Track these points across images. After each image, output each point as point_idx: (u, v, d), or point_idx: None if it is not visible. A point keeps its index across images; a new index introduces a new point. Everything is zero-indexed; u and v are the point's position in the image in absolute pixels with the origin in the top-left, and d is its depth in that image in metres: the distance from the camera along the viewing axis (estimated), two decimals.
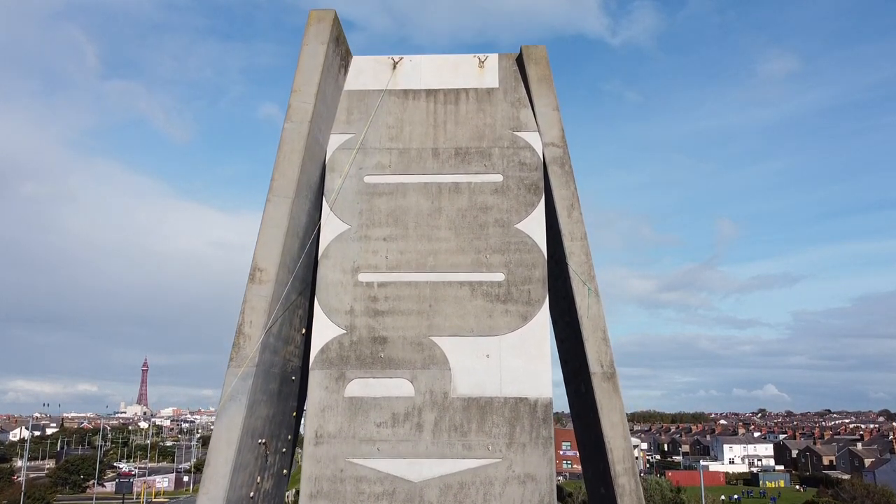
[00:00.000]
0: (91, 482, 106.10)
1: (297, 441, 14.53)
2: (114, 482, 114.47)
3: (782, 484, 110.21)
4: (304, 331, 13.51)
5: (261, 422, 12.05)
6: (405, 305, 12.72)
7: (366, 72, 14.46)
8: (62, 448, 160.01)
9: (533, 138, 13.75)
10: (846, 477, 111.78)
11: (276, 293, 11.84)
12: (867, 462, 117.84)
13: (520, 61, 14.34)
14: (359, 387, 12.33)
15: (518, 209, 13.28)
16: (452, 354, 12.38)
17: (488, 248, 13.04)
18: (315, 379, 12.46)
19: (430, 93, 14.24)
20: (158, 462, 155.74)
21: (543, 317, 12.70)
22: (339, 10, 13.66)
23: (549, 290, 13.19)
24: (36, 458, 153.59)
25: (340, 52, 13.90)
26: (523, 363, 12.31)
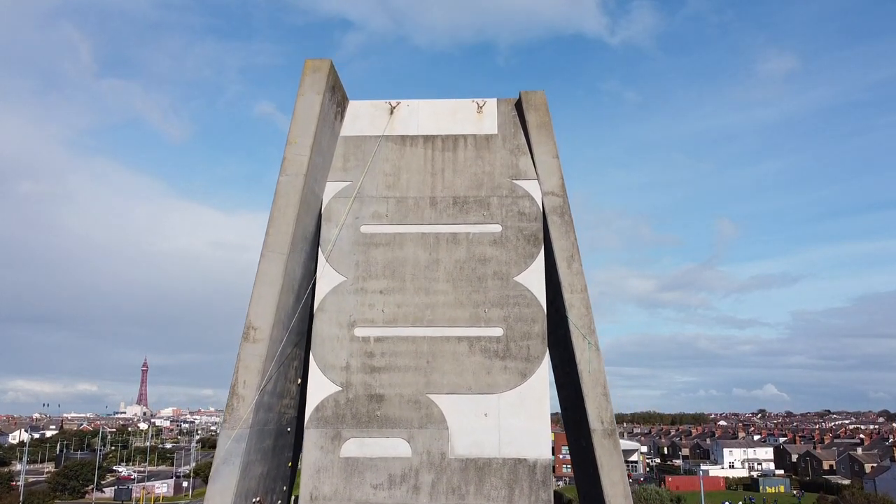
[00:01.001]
0: (90, 487, 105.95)
1: (293, 487, 14.33)
2: (113, 487, 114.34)
3: (782, 489, 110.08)
4: (299, 381, 13.31)
5: (255, 481, 11.85)
6: (402, 361, 12.51)
7: (362, 117, 14.24)
8: (62, 451, 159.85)
9: (532, 187, 13.53)
10: (846, 482, 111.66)
11: (270, 351, 11.64)
12: (867, 467, 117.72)
13: (518, 106, 14.12)
14: (355, 447, 12.12)
15: (517, 261, 13.06)
16: (450, 413, 12.17)
17: (487, 302, 12.82)
18: (310, 438, 12.24)
19: (428, 139, 14.02)
20: (158, 466, 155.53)
21: (543, 373, 12.49)
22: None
23: (549, 335, 13.00)
24: (35, 462, 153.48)
25: (337, 99, 13.68)
26: (522, 423, 12.10)
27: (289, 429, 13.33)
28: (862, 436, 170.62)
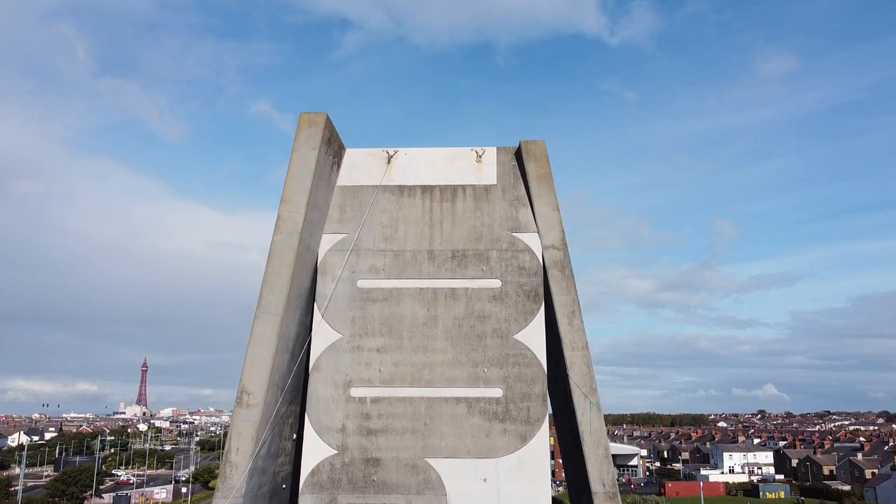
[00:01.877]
0: (88, 493, 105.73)
1: None
2: (112, 493, 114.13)
3: (782, 495, 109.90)
4: (294, 436, 13.05)
5: None
6: (399, 423, 12.24)
7: (359, 166, 13.97)
8: (61, 454, 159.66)
9: (532, 240, 13.26)
10: (846, 488, 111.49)
11: (264, 415, 11.38)
12: (867, 473, 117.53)
13: (518, 156, 13.86)
14: None
15: (517, 318, 12.80)
16: (448, 478, 11.91)
17: (486, 361, 12.56)
18: None
19: (426, 189, 13.76)
20: (157, 469, 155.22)
21: (543, 436, 12.23)
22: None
23: (549, 384, 12.74)
24: (34, 465, 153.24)
25: (333, 150, 13.41)
26: (522, 488, 11.85)
27: (284, 486, 13.07)
28: (862, 438, 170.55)
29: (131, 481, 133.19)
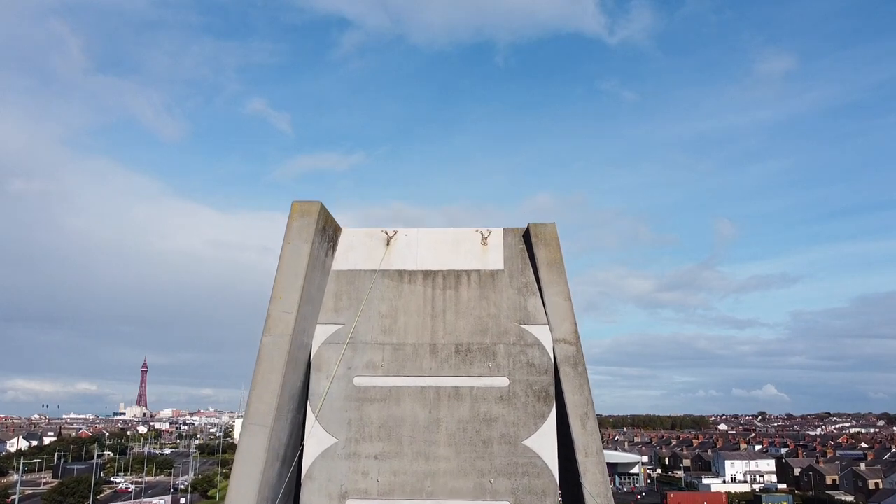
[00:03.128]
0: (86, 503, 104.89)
1: None
2: (110, 503, 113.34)
3: None
4: None
5: None
6: None
7: (356, 248, 13.03)
8: (59, 460, 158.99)
9: (542, 333, 12.32)
10: (849, 498, 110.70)
11: None
12: (871, 483, 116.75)
13: (527, 238, 12.92)
14: None
15: (526, 421, 11.86)
16: None
17: (493, 471, 11.61)
18: None
19: (428, 275, 12.81)
20: (156, 476, 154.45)
21: None
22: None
23: (562, 495, 11.82)
24: (33, 471, 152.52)
25: (328, 236, 12.47)
26: None
27: None
28: (864, 444, 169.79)
29: (130, 489, 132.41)
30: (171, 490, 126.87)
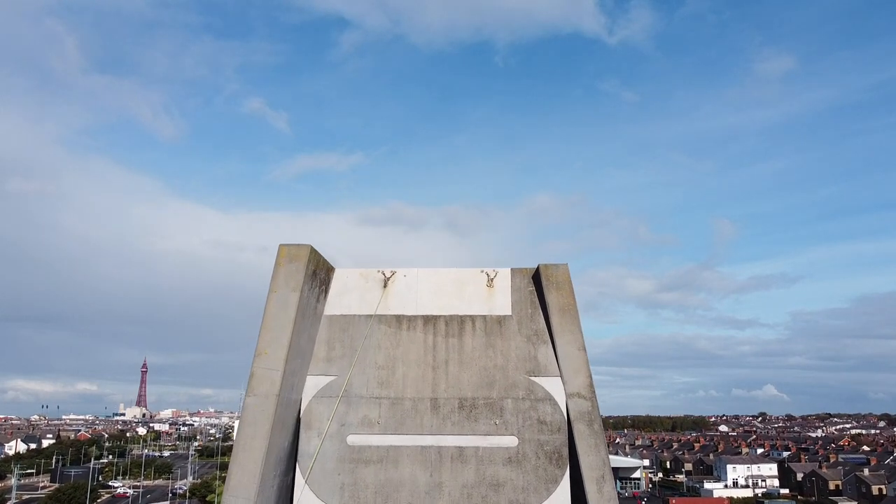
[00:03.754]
0: None
1: None
2: None
3: None
4: None
5: None
6: None
7: (351, 290, 11.93)
8: (58, 463, 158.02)
9: (554, 386, 11.22)
10: None
11: None
12: (874, 489, 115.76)
13: (536, 280, 11.82)
14: None
15: (537, 486, 10.77)
16: None
17: None
18: None
19: (429, 320, 11.72)
20: (154, 480, 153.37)
21: None
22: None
23: None
24: (31, 475, 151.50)
25: (319, 280, 11.37)
26: None
27: None
28: (866, 447, 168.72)
29: (128, 494, 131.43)
30: (170, 494, 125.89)
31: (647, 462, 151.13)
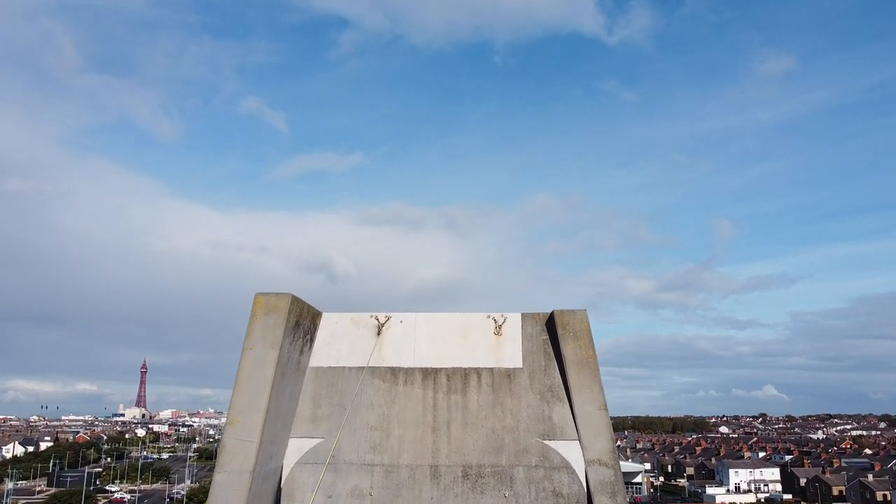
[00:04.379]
0: None
1: None
2: None
3: None
4: None
5: None
6: None
7: (340, 338, 10.53)
8: (55, 466, 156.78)
9: (571, 451, 9.81)
10: None
11: None
12: (878, 495, 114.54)
13: (550, 327, 10.43)
14: None
15: None
16: None
17: None
18: None
19: (428, 373, 10.31)
20: (153, 483, 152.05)
21: None
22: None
23: None
24: (28, 478, 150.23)
25: (303, 330, 9.96)
26: None
27: None
28: (868, 450, 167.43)
29: (125, 499, 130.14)
30: (167, 500, 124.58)
31: (648, 466, 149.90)
